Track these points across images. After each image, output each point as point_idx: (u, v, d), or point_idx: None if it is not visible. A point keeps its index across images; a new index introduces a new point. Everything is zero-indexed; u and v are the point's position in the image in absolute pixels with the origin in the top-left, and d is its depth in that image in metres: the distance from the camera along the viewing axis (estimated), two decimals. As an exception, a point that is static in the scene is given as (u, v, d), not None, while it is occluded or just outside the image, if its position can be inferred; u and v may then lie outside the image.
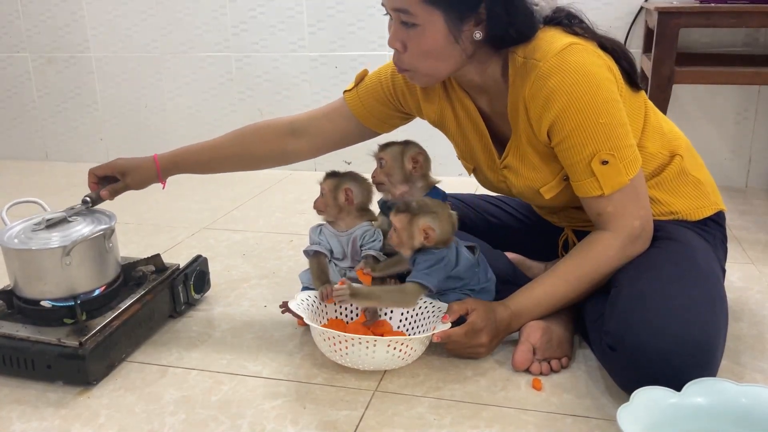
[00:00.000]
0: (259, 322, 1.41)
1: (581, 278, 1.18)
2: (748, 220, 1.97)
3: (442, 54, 1.11)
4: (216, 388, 1.18)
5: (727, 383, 0.98)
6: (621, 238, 1.16)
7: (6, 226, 1.30)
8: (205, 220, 2.09)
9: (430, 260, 1.19)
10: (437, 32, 1.08)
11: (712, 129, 2.26)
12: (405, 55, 1.13)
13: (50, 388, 1.18)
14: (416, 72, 1.16)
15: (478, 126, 1.27)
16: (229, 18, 2.53)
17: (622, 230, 1.16)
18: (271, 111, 2.60)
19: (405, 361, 1.18)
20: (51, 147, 2.90)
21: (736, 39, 2.15)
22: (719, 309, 1.07)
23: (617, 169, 1.11)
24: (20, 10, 2.73)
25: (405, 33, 1.11)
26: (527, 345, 1.18)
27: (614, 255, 1.16)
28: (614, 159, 1.11)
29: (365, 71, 1.38)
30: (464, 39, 1.10)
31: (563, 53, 1.09)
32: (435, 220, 1.18)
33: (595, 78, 1.09)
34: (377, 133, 1.41)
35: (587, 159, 1.11)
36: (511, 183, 1.27)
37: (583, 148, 1.11)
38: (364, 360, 1.15)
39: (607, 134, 1.10)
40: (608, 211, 1.15)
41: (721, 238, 1.29)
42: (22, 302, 1.26)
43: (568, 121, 1.10)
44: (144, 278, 1.37)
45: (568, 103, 1.09)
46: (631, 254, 1.17)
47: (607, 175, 1.11)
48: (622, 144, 1.11)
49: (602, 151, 1.10)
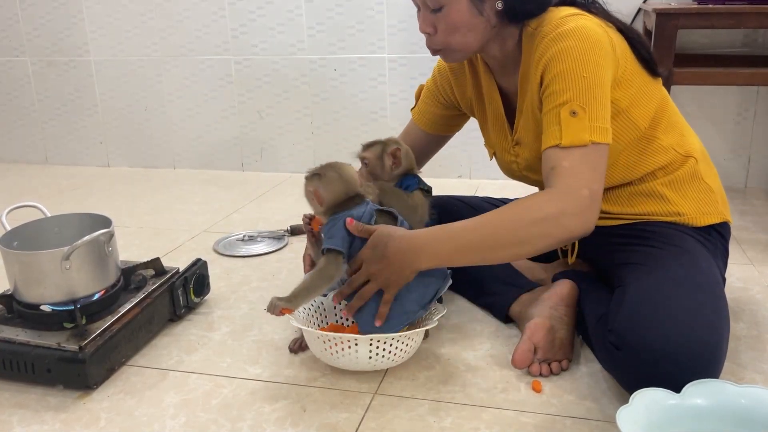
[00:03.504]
0: (258, 325, 1.41)
1: (498, 227, 1.08)
2: (747, 220, 1.97)
3: (468, 27, 1.17)
4: (216, 391, 1.18)
5: (727, 384, 0.98)
6: (563, 200, 1.06)
7: (6, 230, 1.31)
8: (206, 222, 2.09)
9: (326, 226, 1.18)
10: (461, 8, 1.15)
11: (711, 129, 2.26)
12: (436, 36, 1.20)
13: (50, 392, 1.18)
14: (448, 48, 1.21)
15: (496, 102, 1.31)
16: (229, 21, 2.53)
17: (567, 191, 1.07)
18: (271, 113, 2.60)
19: (394, 361, 1.17)
20: (51, 150, 2.90)
21: (734, 40, 2.15)
22: (723, 314, 1.08)
23: (582, 125, 1.09)
24: (20, 14, 2.73)
25: (433, 17, 1.18)
26: (529, 344, 1.18)
27: (548, 214, 1.05)
28: (583, 113, 1.09)
29: (421, 86, 1.49)
30: (487, 10, 1.16)
31: (566, 18, 1.15)
32: (321, 182, 1.20)
33: (590, 39, 1.12)
34: (450, 135, 1.52)
35: (559, 106, 1.11)
36: (522, 158, 1.29)
37: (560, 95, 1.11)
38: (350, 360, 1.15)
39: (585, 89, 1.10)
40: (562, 166, 1.08)
41: (723, 250, 1.28)
42: (22, 306, 1.26)
43: (555, 66, 1.12)
44: (144, 282, 1.38)
45: (559, 51, 1.12)
46: (567, 226, 1.06)
47: (570, 126, 1.09)
48: (597, 105, 1.10)
49: (575, 102, 1.10)
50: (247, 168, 2.70)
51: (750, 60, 2.03)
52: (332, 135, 2.58)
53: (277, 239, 1.90)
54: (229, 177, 2.62)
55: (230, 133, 2.67)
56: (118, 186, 2.55)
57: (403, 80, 2.43)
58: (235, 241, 1.90)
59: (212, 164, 2.72)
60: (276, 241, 1.89)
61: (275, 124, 2.62)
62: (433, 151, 1.54)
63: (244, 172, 2.68)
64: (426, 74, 1.43)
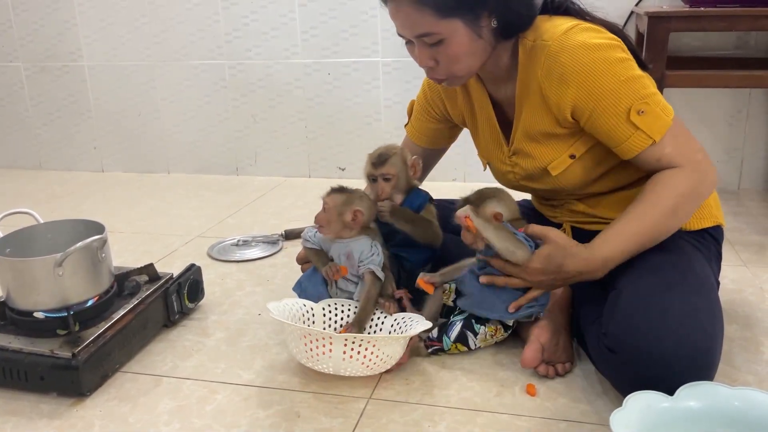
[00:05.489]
0: (253, 330, 1.41)
1: (658, 216, 1.14)
2: (740, 221, 1.98)
3: (470, 53, 1.16)
4: (210, 397, 1.18)
5: (720, 386, 0.98)
6: (690, 171, 1.14)
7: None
8: (200, 227, 2.09)
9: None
10: (461, 38, 1.13)
11: (704, 132, 2.27)
12: (439, 67, 1.18)
13: (44, 400, 1.18)
14: (453, 76, 1.20)
15: (489, 114, 1.31)
16: (223, 25, 2.53)
17: (688, 163, 1.14)
18: (265, 117, 2.60)
19: (371, 369, 1.16)
20: (45, 156, 2.89)
21: (726, 42, 2.16)
22: (717, 318, 1.08)
23: (656, 114, 1.12)
24: (13, 20, 2.73)
25: (432, 50, 1.15)
26: (537, 345, 1.19)
27: (688, 187, 1.14)
28: (649, 106, 1.12)
29: (412, 101, 1.49)
30: (485, 32, 1.15)
31: (569, 33, 1.13)
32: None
33: (601, 47, 1.12)
34: (447, 147, 1.53)
35: (624, 116, 1.12)
36: (520, 168, 1.29)
37: (617, 107, 1.12)
38: (323, 359, 1.15)
39: (633, 87, 1.12)
40: (667, 152, 1.14)
41: (716, 253, 1.29)
42: (15, 313, 1.25)
43: (592, 92, 1.12)
44: (137, 288, 1.37)
45: (585, 77, 1.12)
46: (705, 191, 1.16)
47: (650, 123, 1.12)
48: (650, 92, 1.13)
49: (635, 103, 1.11)
50: (242, 172, 2.70)
51: (742, 62, 2.04)
52: (326, 139, 2.58)
53: (271, 244, 1.90)
54: (223, 181, 2.62)
55: (224, 138, 2.67)
56: (112, 191, 2.55)
57: (398, 84, 2.43)
58: (230, 245, 1.90)
59: (206, 169, 2.72)
60: (270, 245, 1.89)
61: (269, 129, 2.62)
62: (433, 164, 1.55)
63: (239, 177, 2.68)
64: (420, 78, 1.43)
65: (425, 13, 1.10)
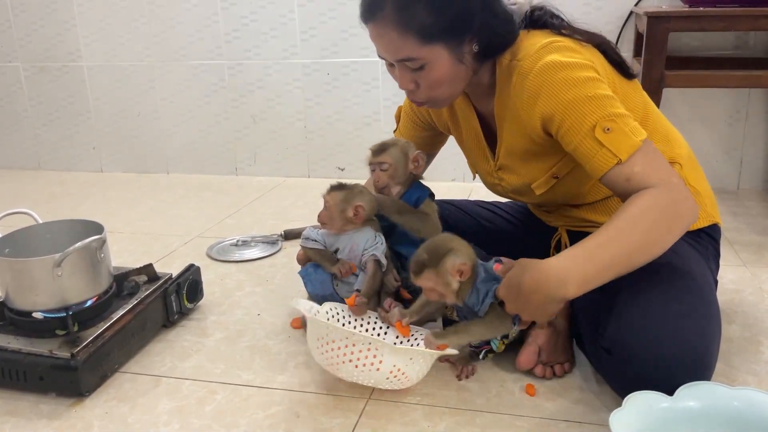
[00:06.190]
0: (252, 330, 1.41)
1: (630, 235, 1.02)
2: (740, 221, 1.98)
3: (452, 78, 1.14)
4: (210, 397, 1.18)
5: (720, 386, 0.98)
6: (666, 192, 1.02)
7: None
8: (199, 227, 2.09)
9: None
10: (443, 63, 1.11)
11: (703, 132, 2.27)
12: (420, 91, 1.17)
13: (43, 400, 1.18)
14: (434, 100, 1.19)
15: (474, 127, 1.30)
16: (222, 25, 2.53)
17: (662, 183, 1.03)
18: (264, 118, 2.60)
19: (401, 383, 1.12)
20: (44, 156, 2.89)
21: (726, 42, 2.16)
22: (714, 319, 1.08)
23: (624, 133, 1.05)
24: (12, 20, 2.73)
25: (413, 74, 1.14)
26: (534, 346, 1.19)
27: (664, 209, 1.02)
28: (617, 125, 1.06)
29: (399, 108, 1.47)
30: (467, 57, 1.13)
31: (540, 51, 1.11)
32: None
33: (571, 66, 1.09)
34: (436, 151, 1.52)
35: (589, 132, 1.07)
36: (507, 182, 1.28)
37: (582, 124, 1.07)
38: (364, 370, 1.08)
39: (600, 105, 1.07)
40: (636, 171, 1.04)
41: (714, 252, 1.29)
42: (14, 314, 1.25)
43: (558, 106, 1.09)
44: (136, 288, 1.37)
45: (552, 91, 1.09)
46: (683, 213, 1.03)
47: (616, 141, 1.04)
48: (619, 112, 1.07)
49: (601, 121, 1.06)
50: (241, 173, 2.70)
51: (741, 62, 2.04)
52: (325, 139, 2.58)
53: (270, 244, 1.90)
54: (222, 182, 2.62)
55: (224, 138, 2.67)
56: (112, 191, 2.54)
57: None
58: (229, 246, 1.90)
59: (206, 169, 2.72)
60: (270, 245, 1.89)
61: (269, 129, 2.62)
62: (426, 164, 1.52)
63: (238, 177, 2.68)
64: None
65: (408, 38, 1.08)
